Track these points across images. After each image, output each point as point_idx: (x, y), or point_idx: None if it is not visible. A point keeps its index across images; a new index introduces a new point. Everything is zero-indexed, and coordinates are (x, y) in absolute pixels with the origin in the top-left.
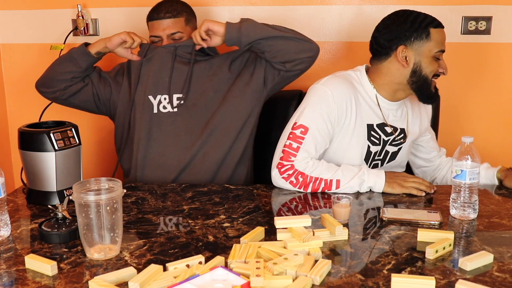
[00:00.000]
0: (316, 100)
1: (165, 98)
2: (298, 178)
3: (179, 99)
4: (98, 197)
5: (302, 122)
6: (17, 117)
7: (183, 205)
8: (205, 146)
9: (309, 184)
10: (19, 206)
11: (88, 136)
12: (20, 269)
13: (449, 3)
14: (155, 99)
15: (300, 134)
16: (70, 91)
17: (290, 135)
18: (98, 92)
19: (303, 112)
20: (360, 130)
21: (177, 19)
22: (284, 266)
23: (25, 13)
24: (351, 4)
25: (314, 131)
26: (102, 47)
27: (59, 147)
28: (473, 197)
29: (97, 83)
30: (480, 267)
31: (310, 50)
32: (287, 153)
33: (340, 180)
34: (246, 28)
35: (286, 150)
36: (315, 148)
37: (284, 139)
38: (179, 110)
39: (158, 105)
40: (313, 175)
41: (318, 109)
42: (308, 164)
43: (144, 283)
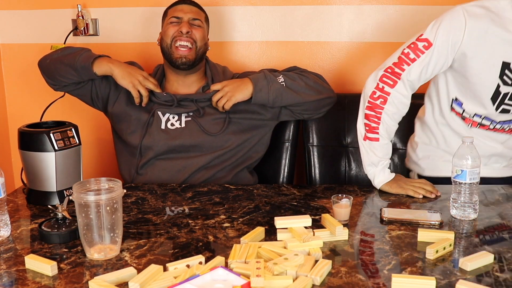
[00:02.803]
0: (449, 25)
1: (173, 117)
2: (378, 97)
3: (188, 116)
4: (98, 197)
5: (428, 36)
6: (17, 117)
7: (183, 205)
8: (214, 160)
9: (367, 114)
10: (19, 206)
11: (88, 136)
12: (20, 269)
13: (449, 3)
14: (163, 116)
15: (422, 47)
16: (68, 88)
17: (412, 45)
18: (97, 90)
19: (433, 28)
20: (491, 67)
21: (200, 11)
22: (284, 266)
23: (25, 13)
24: (351, 4)
25: (434, 51)
26: (108, 73)
27: (59, 147)
28: (474, 197)
29: (99, 82)
30: (481, 267)
31: (329, 104)
32: (402, 60)
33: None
34: (274, 96)
35: (402, 57)
36: (419, 73)
37: (403, 47)
38: (188, 125)
39: (166, 122)
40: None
41: (447, 33)
42: (391, 108)
43: (144, 283)
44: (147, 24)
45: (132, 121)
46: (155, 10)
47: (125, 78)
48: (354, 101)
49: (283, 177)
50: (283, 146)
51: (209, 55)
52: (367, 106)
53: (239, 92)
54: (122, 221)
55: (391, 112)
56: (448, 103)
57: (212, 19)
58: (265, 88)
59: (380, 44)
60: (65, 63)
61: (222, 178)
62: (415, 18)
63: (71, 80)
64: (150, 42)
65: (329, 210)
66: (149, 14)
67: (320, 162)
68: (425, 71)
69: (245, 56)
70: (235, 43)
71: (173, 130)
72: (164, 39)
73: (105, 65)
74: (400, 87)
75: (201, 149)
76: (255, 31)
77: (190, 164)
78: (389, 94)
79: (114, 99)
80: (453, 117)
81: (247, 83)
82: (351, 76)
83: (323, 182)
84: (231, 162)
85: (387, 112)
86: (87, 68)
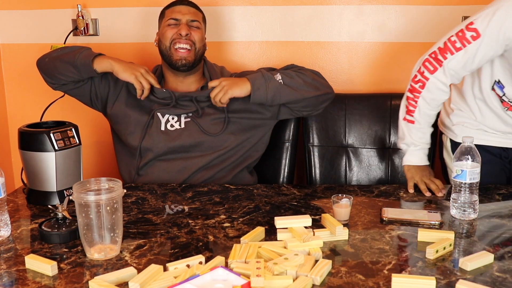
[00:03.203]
0: (503, 17)
1: (173, 118)
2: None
3: (187, 117)
4: (98, 197)
5: (478, 27)
6: (17, 117)
7: (183, 205)
8: (214, 161)
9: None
10: (19, 206)
11: (88, 136)
12: (20, 269)
13: (449, 3)
14: (163, 117)
15: (469, 37)
16: (67, 86)
17: (459, 33)
18: (97, 90)
19: (485, 18)
20: None
21: (197, 12)
22: (284, 266)
23: (25, 13)
24: (351, 4)
25: (482, 43)
26: (109, 69)
27: (59, 147)
28: (474, 197)
29: (98, 81)
30: (481, 267)
31: (328, 100)
32: (447, 48)
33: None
34: (272, 94)
35: (448, 44)
36: (463, 64)
37: (451, 33)
38: (187, 126)
39: (165, 123)
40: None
41: (499, 26)
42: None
43: (144, 283)
44: (147, 24)
45: (131, 122)
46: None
47: (126, 71)
48: (354, 101)
49: (283, 177)
50: (283, 146)
51: (209, 55)
52: (408, 88)
53: (236, 87)
54: (122, 221)
55: (428, 98)
56: (490, 83)
57: (212, 19)
58: (263, 87)
59: (380, 44)
60: (65, 61)
61: (222, 178)
62: (415, 18)
63: (71, 78)
64: (150, 42)
65: (329, 210)
66: (149, 14)
67: (320, 162)
68: (470, 62)
69: (245, 56)
70: (235, 43)
71: (172, 131)
72: (162, 41)
73: (105, 62)
74: (440, 74)
75: (201, 149)
76: (255, 31)
77: (190, 165)
78: (427, 80)
79: (113, 99)
80: (491, 96)
81: (245, 81)
82: (351, 76)
83: (323, 182)
84: (231, 161)
85: (424, 98)
86: (87, 65)
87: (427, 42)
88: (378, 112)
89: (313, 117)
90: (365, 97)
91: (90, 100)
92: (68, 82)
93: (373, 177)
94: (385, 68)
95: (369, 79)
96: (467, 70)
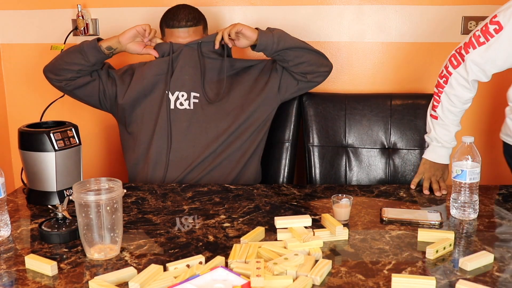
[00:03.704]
0: None
1: (183, 95)
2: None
3: (196, 98)
4: (98, 197)
5: (501, 19)
6: (17, 117)
7: (183, 205)
8: (219, 147)
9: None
10: (19, 206)
11: (88, 136)
12: (20, 269)
13: (449, 3)
14: (173, 95)
15: (492, 31)
16: (76, 83)
17: (484, 27)
18: (105, 88)
19: (508, 10)
20: None
21: (197, 27)
22: (284, 266)
23: (25, 13)
24: (351, 4)
25: (503, 36)
26: (114, 41)
27: (59, 147)
28: (474, 197)
29: (105, 79)
30: (481, 267)
31: (327, 66)
32: (471, 42)
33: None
34: (278, 36)
35: (472, 39)
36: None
37: (477, 27)
38: (195, 108)
39: (175, 102)
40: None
41: None
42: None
43: (144, 283)
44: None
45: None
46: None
47: (131, 28)
48: (354, 101)
49: (283, 177)
50: (283, 146)
51: None
52: (435, 83)
53: (242, 25)
54: (122, 221)
55: (450, 94)
56: None
57: (212, 19)
58: (268, 31)
59: (380, 44)
60: (71, 51)
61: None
62: (415, 18)
63: (77, 65)
64: None
65: (329, 210)
66: (149, 14)
67: (320, 162)
68: (494, 56)
69: (245, 56)
70: None
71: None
72: None
73: (110, 38)
74: (461, 70)
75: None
76: None
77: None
78: (451, 75)
79: (123, 91)
80: None
81: (252, 29)
82: (351, 76)
83: (323, 183)
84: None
85: (447, 93)
86: (93, 45)
87: (427, 42)
88: (378, 112)
89: (313, 117)
90: (365, 97)
91: (99, 100)
92: (75, 75)
93: (373, 177)
94: (385, 68)
95: (369, 79)
96: (492, 66)
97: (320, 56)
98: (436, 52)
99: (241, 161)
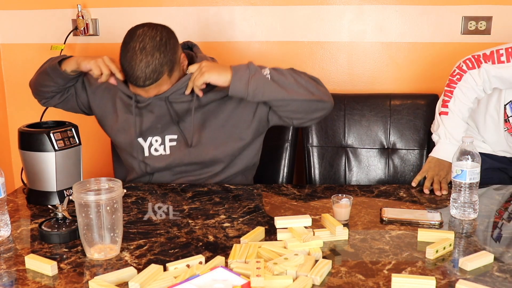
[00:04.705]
0: None
1: (156, 140)
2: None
3: (172, 140)
4: (98, 197)
5: None
6: (17, 117)
7: (183, 205)
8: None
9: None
10: (19, 206)
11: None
12: (20, 269)
13: (449, 3)
14: (145, 142)
15: None
16: (54, 101)
17: (510, 49)
18: (82, 101)
19: None
20: None
21: (159, 81)
22: (284, 266)
23: (25, 13)
24: (351, 4)
25: None
26: (74, 67)
27: (59, 147)
28: (473, 197)
29: (80, 91)
30: (481, 267)
31: (323, 109)
32: (492, 56)
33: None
34: (254, 89)
35: (494, 53)
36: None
37: (502, 46)
38: (172, 151)
39: (149, 148)
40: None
41: None
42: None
43: (144, 283)
44: None
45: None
46: (155, 10)
47: (87, 60)
48: (353, 101)
49: (283, 177)
50: (283, 146)
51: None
52: (446, 83)
53: (214, 71)
54: (122, 221)
55: (465, 88)
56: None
57: (212, 19)
58: (244, 78)
59: (380, 44)
60: (40, 72)
61: None
62: (415, 18)
63: (49, 87)
64: None
65: (329, 210)
66: (149, 14)
67: (320, 162)
68: (507, 77)
69: (245, 56)
70: (235, 43)
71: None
72: None
73: (71, 60)
74: (475, 73)
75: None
76: (255, 31)
77: None
78: (465, 72)
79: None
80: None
81: (227, 68)
82: (351, 76)
83: (323, 183)
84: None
85: (460, 88)
86: (55, 68)
87: (427, 42)
88: (377, 112)
89: None
90: (365, 97)
91: (81, 111)
92: (51, 95)
93: (373, 178)
94: (385, 68)
95: (369, 79)
96: (500, 84)
97: (313, 102)
98: (436, 52)
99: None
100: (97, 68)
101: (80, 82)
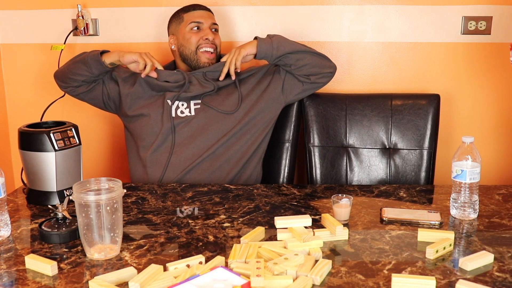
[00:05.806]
0: None
1: (183, 104)
2: None
3: (197, 104)
4: (98, 197)
5: None
6: (17, 117)
7: (183, 205)
8: (219, 149)
9: None
10: (19, 206)
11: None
12: (20, 269)
13: (449, 3)
14: (173, 104)
15: None
16: (81, 89)
17: None
18: (108, 91)
19: None
20: None
21: (213, 15)
22: (284, 266)
23: (25, 13)
24: (351, 4)
25: None
26: (115, 59)
27: (59, 147)
28: (474, 197)
29: (108, 82)
30: (481, 267)
31: (330, 67)
32: None
33: None
34: (277, 43)
35: None
36: None
37: None
38: (197, 113)
39: (176, 110)
40: None
41: None
42: None
43: (145, 283)
44: (147, 24)
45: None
46: (155, 10)
47: (131, 53)
48: (354, 101)
49: (283, 177)
50: (283, 146)
51: None
52: None
53: (245, 46)
54: (122, 221)
55: None
56: None
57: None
58: (267, 40)
59: (380, 44)
60: (77, 61)
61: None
62: (415, 18)
63: (82, 76)
64: (149, 42)
65: (329, 210)
66: (149, 14)
67: (321, 162)
68: None
69: None
70: (235, 43)
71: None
72: (186, 45)
73: (113, 53)
74: None
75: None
76: (255, 31)
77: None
78: None
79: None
80: None
81: (250, 41)
82: (351, 76)
83: (324, 183)
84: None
85: None
86: (96, 59)
87: (427, 42)
88: (379, 112)
89: (314, 117)
90: (366, 97)
91: (103, 102)
92: (80, 83)
93: (374, 178)
94: (385, 68)
95: (369, 79)
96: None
97: (322, 57)
98: (436, 52)
99: (239, 163)
100: (142, 60)
101: (108, 74)
